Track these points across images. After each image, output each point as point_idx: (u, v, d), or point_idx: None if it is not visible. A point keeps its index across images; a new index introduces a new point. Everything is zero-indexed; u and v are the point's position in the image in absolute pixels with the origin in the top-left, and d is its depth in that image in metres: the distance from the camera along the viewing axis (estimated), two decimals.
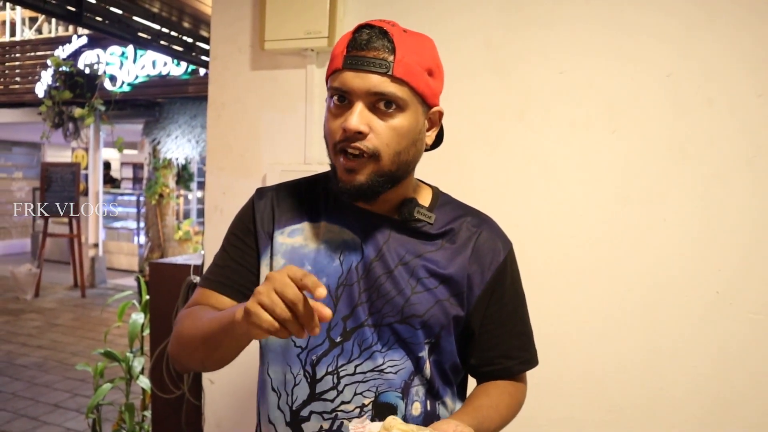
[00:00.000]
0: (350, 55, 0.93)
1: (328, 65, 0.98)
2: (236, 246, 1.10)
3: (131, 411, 2.74)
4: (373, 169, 0.95)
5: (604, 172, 1.59)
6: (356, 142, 0.93)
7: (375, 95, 0.93)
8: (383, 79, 0.92)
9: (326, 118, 0.99)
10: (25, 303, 7.54)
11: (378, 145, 0.94)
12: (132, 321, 2.88)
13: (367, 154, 0.94)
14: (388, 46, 0.92)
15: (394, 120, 0.95)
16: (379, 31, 0.93)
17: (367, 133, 0.93)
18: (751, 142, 1.47)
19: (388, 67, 0.92)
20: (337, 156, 0.97)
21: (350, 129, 0.92)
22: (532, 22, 1.64)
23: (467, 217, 1.09)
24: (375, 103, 0.93)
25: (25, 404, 4.21)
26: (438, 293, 1.01)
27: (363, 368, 0.99)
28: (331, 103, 0.97)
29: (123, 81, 7.67)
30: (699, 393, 1.52)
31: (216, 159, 2.04)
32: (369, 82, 0.92)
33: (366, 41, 0.92)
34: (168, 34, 5.10)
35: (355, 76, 0.92)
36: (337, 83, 0.94)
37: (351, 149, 0.94)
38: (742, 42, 1.47)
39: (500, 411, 1.02)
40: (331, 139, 0.97)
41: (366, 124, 0.93)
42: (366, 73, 0.92)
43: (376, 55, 0.92)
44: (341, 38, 0.97)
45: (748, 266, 1.48)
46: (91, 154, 9.39)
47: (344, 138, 0.94)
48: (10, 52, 8.99)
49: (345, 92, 0.94)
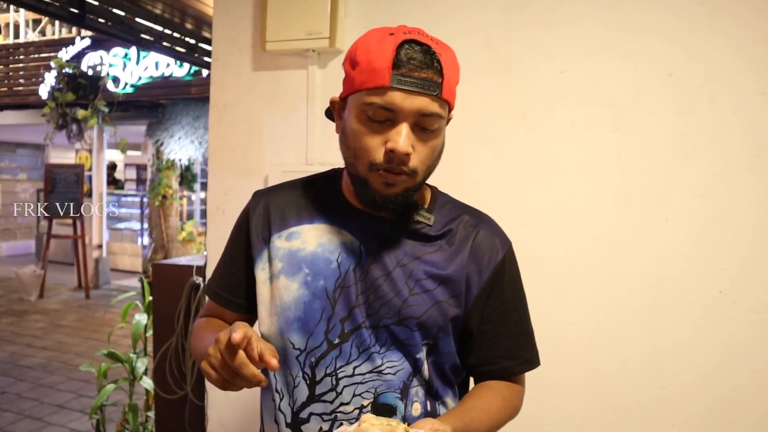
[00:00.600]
0: (400, 74, 0.89)
1: (360, 77, 0.93)
2: (232, 255, 1.15)
3: (135, 411, 2.75)
4: (408, 185, 0.96)
5: (605, 171, 1.59)
6: (401, 165, 0.93)
7: (422, 116, 0.92)
8: (432, 101, 0.91)
9: (356, 130, 0.95)
10: (30, 304, 7.57)
11: (417, 165, 0.95)
12: (135, 322, 2.89)
13: (407, 173, 0.94)
14: (437, 68, 0.91)
15: (433, 140, 0.96)
16: (426, 50, 0.91)
17: (411, 153, 0.93)
18: (753, 140, 1.46)
19: (438, 90, 0.91)
20: (372, 172, 0.95)
21: (400, 152, 0.91)
22: (533, 21, 1.64)
23: (465, 216, 1.08)
24: (417, 123, 0.93)
25: (29, 405, 4.23)
26: (437, 294, 1.01)
27: (361, 369, 0.99)
28: (365, 117, 0.94)
29: (126, 82, 7.68)
30: (701, 392, 1.52)
31: (218, 160, 2.05)
32: (419, 103, 0.91)
33: (417, 61, 0.90)
34: (170, 35, 5.11)
35: (405, 97, 0.90)
36: (383, 101, 0.91)
37: (394, 171, 0.93)
38: (743, 40, 1.46)
39: (491, 414, 1.00)
40: (368, 157, 0.94)
41: (411, 145, 0.92)
42: (416, 95, 0.90)
43: (427, 76, 0.90)
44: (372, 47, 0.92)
45: (750, 265, 1.48)
46: (94, 156, 9.42)
47: (388, 159, 0.92)
48: (14, 54, 9.02)
49: (392, 111, 0.91)
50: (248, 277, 1.11)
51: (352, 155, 0.98)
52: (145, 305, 2.98)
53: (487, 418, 0.99)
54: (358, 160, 0.96)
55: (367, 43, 0.94)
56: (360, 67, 0.93)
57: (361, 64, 0.93)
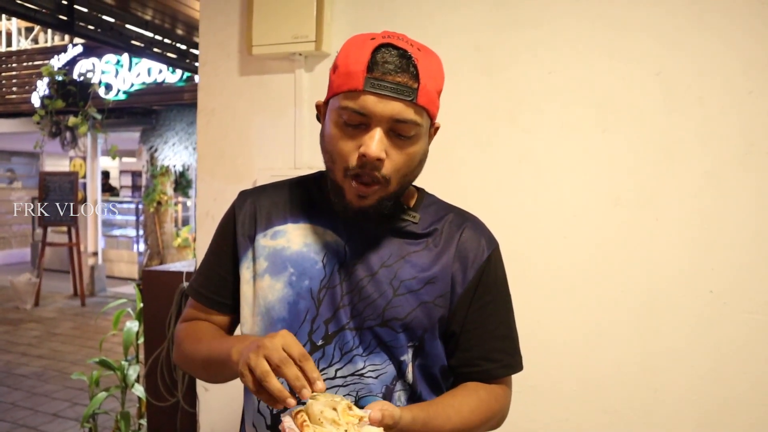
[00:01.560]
0: (373, 77, 0.88)
1: (338, 80, 0.92)
2: (217, 254, 1.12)
3: (127, 419, 2.73)
4: (381, 194, 0.94)
5: (595, 171, 1.58)
6: (374, 170, 0.91)
7: (396, 122, 0.90)
8: (406, 107, 0.89)
9: (332, 135, 0.94)
10: (25, 312, 7.53)
11: (391, 172, 0.93)
12: (126, 329, 2.87)
13: (379, 181, 0.93)
14: (413, 72, 0.89)
15: (410, 147, 0.94)
16: (402, 54, 0.89)
17: (384, 159, 0.91)
18: (743, 139, 1.46)
19: (413, 95, 0.89)
20: (346, 179, 0.94)
21: (372, 156, 0.89)
22: (521, 22, 1.63)
23: (450, 215, 1.07)
24: (392, 129, 0.91)
25: (24, 414, 4.20)
26: (422, 295, 0.99)
27: (343, 372, 0.98)
28: (341, 121, 0.92)
29: (119, 89, 7.68)
30: (695, 393, 1.51)
31: (207, 165, 2.03)
32: (392, 108, 0.89)
33: (391, 65, 0.88)
34: (161, 41, 5.10)
35: (377, 101, 0.88)
36: (356, 105, 0.89)
37: (366, 177, 0.92)
38: (732, 39, 1.46)
39: (462, 412, 0.97)
40: (342, 162, 0.93)
41: (384, 151, 0.91)
42: (389, 100, 0.89)
43: (401, 81, 0.88)
44: (351, 51, 0.91)
45: (742, 265, 1.47)
46: (89, 163, 9.40)
47: (361, 164, 0.91)
48: (6, 62, 9.01)
49: (364, 115, 0.90)
50: (235, 277, 1.09)
51: (329, 159, 0.97)
52: (136, 312, 2.96)
53: (456, 415, 0.96)
54: (334, 165, 0.96)
55: (348, 48, 0.93)
56: (338, 70, 0.92)
57: (339, 68, 0.92)
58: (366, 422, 0.79)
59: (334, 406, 0.79)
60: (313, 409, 0.78)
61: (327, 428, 0.76)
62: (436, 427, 0.92)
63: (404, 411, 0.86)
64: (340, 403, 0.79)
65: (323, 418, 0.77)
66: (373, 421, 0.79)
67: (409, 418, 0.86)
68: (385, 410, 0.81)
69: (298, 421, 0.77)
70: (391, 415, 0.82)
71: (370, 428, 0.78)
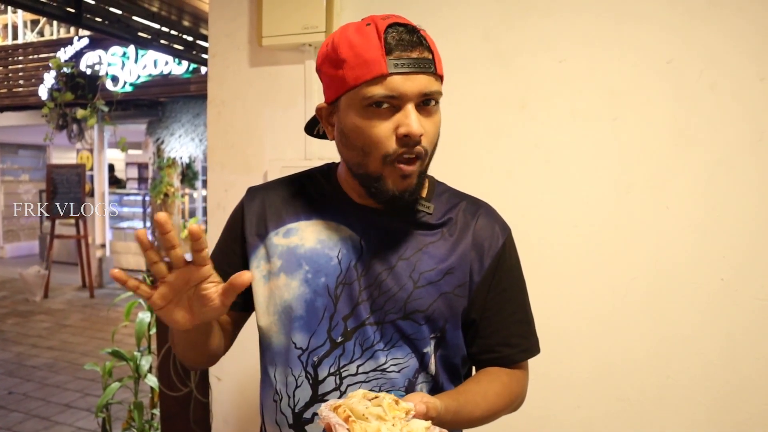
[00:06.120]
0: (394, 58, 0.88)
1: (353, 73, 0.90)
2: (225, 252, 1.11)
3: (140, 409, 2.75)
4: (419, 169, 0.94)
5: (606, 160, 1.58)
6: (416, 146, 0.91)
7: (424, 95, 0.90)
8: (430, 79, 0.90)
9: (361, 127, 0.92)
10: (35, 304, 7.59)
11: (427, 144, 0.93)
12: (139, 320, 2.89)
13: (421, 156, 0.93)
14: (425, 44, 0.90)
15: (435, 116, 0.94)
16: (410, 30, 0.90)
17: (423, 134, 0.91)
18: (754, 126, 1.45)
19: (432, 66, 0.90)
20: (386, 166, 0.92)
21: (416, 134, 0.89)
22: (531, 11, 1.63)
23: (463, 203, 1.07)
24: (420, 103, 0.91)
25: (36, 405, 4.24)
26: (442, 286, 0.99)
27: (365, 368, 0.98)
28: (369, 111, 0.91)
29: (125, 81, 7.69)
30: (706, 380, 1.52)
31: (217, 156, 2.04)
32: (419, 83, 0.89)
33: (406, 42, 0.89)
34: (168, 33, 5.10)
35: (405, 80, 0.88)
36: (386, 89, 0.88)
37: (409, 155, 0.91)
38: (742, 26, 1.45)
39: (488, 398, 0.98)
40: (381, 150, 0.91)
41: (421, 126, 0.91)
42: (415, 75, 0.89)
43: (420, 55, 0.89)
44: (355, 42, 0.90)
45: (753, 252, 1.47)
46: (96, 155, 9.43)
47: (404, 143, 0.90)
48: (12, 55, 9.03)
49: (395, 98, 0.89)
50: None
51: (360, 154, 0.94)
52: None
53: (483, 401, 0.97)
54: (368, 157, 0.93)
55: (346, 39, 0.92)
56: (348, 63, 0.91)
57: (348, 61, 0.90)
58: (412, 415, 0.77)
59: (379, 403, 0.77)
60: (356, 404, 0.76)
61: (373, 423, 0.74)
62: (466, 414, 0.93)
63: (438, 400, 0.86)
64: (385, 398, 0.77)
65: (368, 414, 0.75)
66: (419, 413, 0.78)
67: (442, 408, 0.86)
68: (429, 402, 0.81)
69: (342, 416, 0.75)
70: (435, 407, 0.82)
71: (417, 421, 0.76)
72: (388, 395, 0.78)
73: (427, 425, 0.76)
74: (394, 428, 0.73)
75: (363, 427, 0.73)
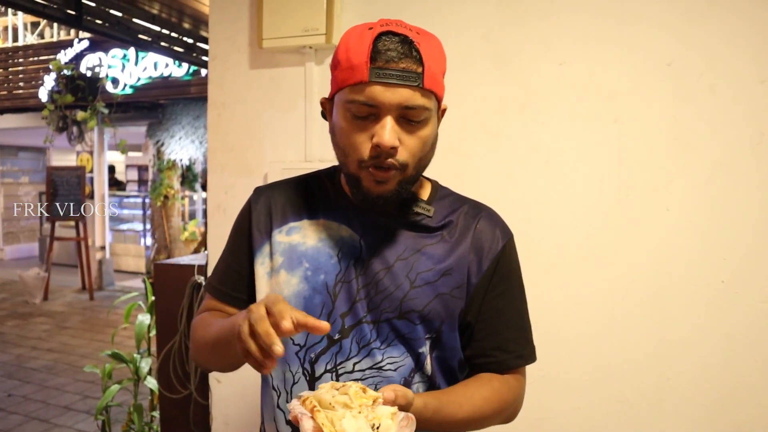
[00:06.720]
0: (377, 67, 0.88)
1: (341, 75, 0.92)
2: (234, 251, 1.13)
3: (140, 411, 2.75)
4: (399, 178, 0.94)
5: (606, 162, 1.58)
6: (388, 158, 0.91)
7: (405, 108, 0.90)
8: (414, 93, 0.89)
9: (343, 129, 0.95)
10: (34, 306, 7.58)
11: (407, 158, 0.93)
12: (138, 322, 2.89)
13: (396, 167, 0.93)
14: (416, 57, 0.89)
15: (421, 131, 0.94)
16: (403, 40, 0.89)
17: (398, 147, 0.91)
18: (754, 128, 1.46)
19: (419, 80, 0.89)
20: (362, 170, 0.94)
21: (386, 145, 0.89)
22: (531, 13, 1.63)
23: (465, 207, 1.07)
24: (402, 116, 0.91)
25: (36, 407, 4.24)
26: (439, 287, 1.00)
27: (361, 366, 0.98)
28: (350, 115, 0.93)
29: (125, 83, 7.69)
30: (706, 382, 1.51)
31: (217, 158, 2.04)
32: (400, 95, 0.89)
33: (394, 52, 0.88)
34: (168, 35, 5.10)
35: (384, 90, 0.88)
36: (364, 97, 0.89)
37: (383, 165, 0.92)
38: (742, 28, 1.45)
39: (473, 401, 0.97)
40: (356, 154, 0.93)
41: (397, 138, 0.91)
42: (396, 87, 0.88)
43: (406, 67, 0.88)
44: (351, 44, 0.91)
45: (753, 254, 1.47)
46: (96, 158, 9.42)
47: (375, 154, 0.91)
48: (12, 58, 9.03)
49: (373, 106, 0.90)
50: (250, 273, 1.10)
51: (342, 154, 0.97)
52: (147, 305, 2.98)
53: (468, 404, 0.96)
54: (347, 158, 0.96)
55: (347, 41, 0.93)
56: (341, 65, 0.92)
57: (341, 63, 0.92)
58: (380, 403, 0.77)
59: (345, 391, 0.77)
60: (323, 394, 0.77)
61: (339, 411, 0.74)
62: (447, 414, 0.92)
63: (416, 396, 0.86)
64: (352, 386, 0.78)
65: (335, 402, 0.75)
66: (386, 400, 0.79)
67: (421, 403, 0.86)
68: (398, 390, 0.81)
69: (308, 407, 0.75)
70: (404, 395, 0.82)
71: (384, 408, 0.76)
72: (356, 384, 0.79)
73: (393, 410, 0.76)
74: (359, 415, 0.74)
75: (329, 416, 0.73)
